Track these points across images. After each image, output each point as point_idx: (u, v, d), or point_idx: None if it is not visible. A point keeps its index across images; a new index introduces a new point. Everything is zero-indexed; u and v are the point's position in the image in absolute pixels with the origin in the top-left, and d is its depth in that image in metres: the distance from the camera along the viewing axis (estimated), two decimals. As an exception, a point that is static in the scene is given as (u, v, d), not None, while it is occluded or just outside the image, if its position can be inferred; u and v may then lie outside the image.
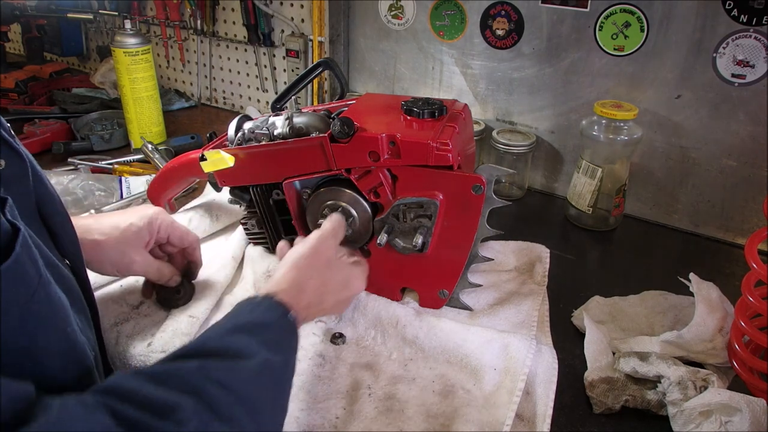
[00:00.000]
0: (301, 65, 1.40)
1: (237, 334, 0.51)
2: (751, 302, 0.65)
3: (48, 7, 1.63)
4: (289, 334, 0.56)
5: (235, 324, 0.53)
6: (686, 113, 1.02)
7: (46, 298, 0.45)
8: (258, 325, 0.53)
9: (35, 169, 0.52)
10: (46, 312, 0.45)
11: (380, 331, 0.75)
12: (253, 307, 0.56)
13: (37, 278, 0.44)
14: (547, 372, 0.68)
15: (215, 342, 0.50)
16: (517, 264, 0.91)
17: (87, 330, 0.55)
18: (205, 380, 0.44)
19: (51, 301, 0.46)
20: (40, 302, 0.44)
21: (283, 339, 0.55)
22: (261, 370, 0.49)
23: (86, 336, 0.53)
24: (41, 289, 0.44)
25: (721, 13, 0.93)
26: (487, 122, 1.23)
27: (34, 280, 0.44)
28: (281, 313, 0.56)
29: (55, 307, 0.47)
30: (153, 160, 1.17)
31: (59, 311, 0.47)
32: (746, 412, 0.57)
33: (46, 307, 0.45)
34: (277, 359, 0.51)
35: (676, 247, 1.05)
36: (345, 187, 0.77)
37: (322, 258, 0.67)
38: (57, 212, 0.55)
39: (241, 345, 0.50)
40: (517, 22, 1.12)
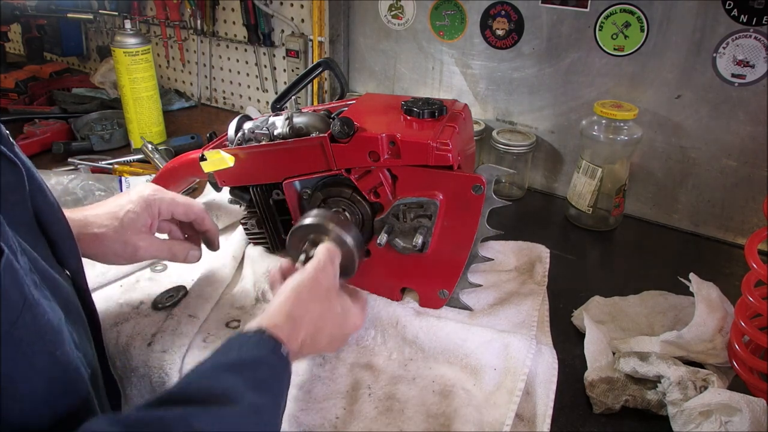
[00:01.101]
0: (301, 65, 1.40)
1: (224, 374, 0.49)
2: (751, 302, 0.65)
3: (48, 7, 1.63)
4: (281, 371, 0.54)
5: (223, 363, 0.51)
6: (686, 113, 1.02)
7: (32, 322, 0.43)
8: (247, 364, 0.51)
9: (33, 177, 0.51)
10: (30, 338, 0.43)
11: (380, 331, 0.75)
12: (243, 343, 0.53)
13: (22, 302, 0.43)
14: (547, 372, 0.68)
15: (200, 384, 0.48)
16: (517, 264, 0.91)
17: (85, 343, 0.54)
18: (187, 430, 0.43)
19: (38, 325, 0.44)
20: (24, 327, 0.42)
21: (274, 377, 0.52)
22: (248, 415, 0.47)
23: (83, 351, 0.52)
24: (26, 312, 0.43)
25: (721, 13, 0.93)
26: (487, 122, 1.23)
27: (18, 305, 0.42)
28: (272, 349, 0.54)
29: (42, 330, 0.45)
30: (153, 160, 1.17)
31: (47, 334, 0.46)
32: (746, 412, 0.57)
33: (31, 333, 0.43)
34: (265, 401, 0.49)
35: (676, 247, 1.05)
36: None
37: (321, 289, 0.63)
38: (56, 221, 0.54)
39: (227, 387, 0.47)
40: (517, 22, 1.12)
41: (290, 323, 0.57)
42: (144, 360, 0.70)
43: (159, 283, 0.84)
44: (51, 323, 0.46)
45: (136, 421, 0.43)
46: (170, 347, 0.71)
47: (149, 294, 0.81)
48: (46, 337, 0.46)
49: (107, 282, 0.83)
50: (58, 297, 0.50)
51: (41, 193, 0.52)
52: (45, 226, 0.53)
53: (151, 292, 0.81)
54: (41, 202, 0.52)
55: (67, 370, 0.48)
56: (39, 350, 0.45)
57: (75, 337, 0.51)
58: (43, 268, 0.50)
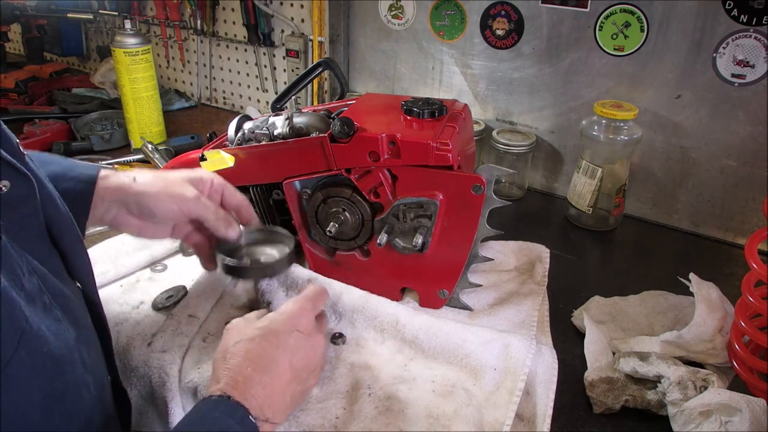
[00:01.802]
0: (301, 65, 1.40)
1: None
2: (751, 302, 0.65)
3: (48, 7, 1.63)
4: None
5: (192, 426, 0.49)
6: (686, 113, 1.02)
7: (28, 357, 0.42)
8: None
9: (44, 188, 0.50)
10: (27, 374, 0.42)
11: (380, 331, 0.75)
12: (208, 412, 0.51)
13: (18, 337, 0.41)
14: (547, 372, 0.68)
15: None
16: (517, 264, 0.91)
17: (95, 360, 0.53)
18: None
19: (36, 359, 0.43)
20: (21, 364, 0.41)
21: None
22: None
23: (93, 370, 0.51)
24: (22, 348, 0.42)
25: (721, 13, 0.93)
26: (487, 122, 1.23)
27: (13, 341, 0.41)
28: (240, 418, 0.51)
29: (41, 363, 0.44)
30: (153, 160, 1.17)
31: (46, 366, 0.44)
32: (746, 412, 0.57)
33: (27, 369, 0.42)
34: None
35: (676, 247, 1.05)
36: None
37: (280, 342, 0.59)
38: (68, 233, 0.53)
39: None
40: (517, 22, 1.12)
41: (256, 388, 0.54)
42: (144, 360, 0.70)
43: (159, 283, 0.84)
44: (52, 354, 0.45)
45: None
46: (170, 347, 0.71)
47: (149, 294, 0.81)
48: (44, 371, 0.44)
49: (107, 282, 0.83)
50: (70, 315, 0.49)
51: (52, 203, 0.52)
52: (56, 238, 0.52)
53: (151, 292, 0.81)
54: (53, 213, 0.51)
55: (66, 397, 0.47)
56: (36, 385, 0.43)
57: (86, 357, 0.50)
58: (54, 286, 0.49)
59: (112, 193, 0.66)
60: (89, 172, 0.65)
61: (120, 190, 0.66)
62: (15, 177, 0.46)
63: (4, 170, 0.45)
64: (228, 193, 0.74)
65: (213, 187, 0.73)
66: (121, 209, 0.67)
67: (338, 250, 0.82)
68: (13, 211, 0.46)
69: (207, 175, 0.73)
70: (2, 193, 0.44)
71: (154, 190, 0.67)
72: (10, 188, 0.45)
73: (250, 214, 0.76)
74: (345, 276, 0.82)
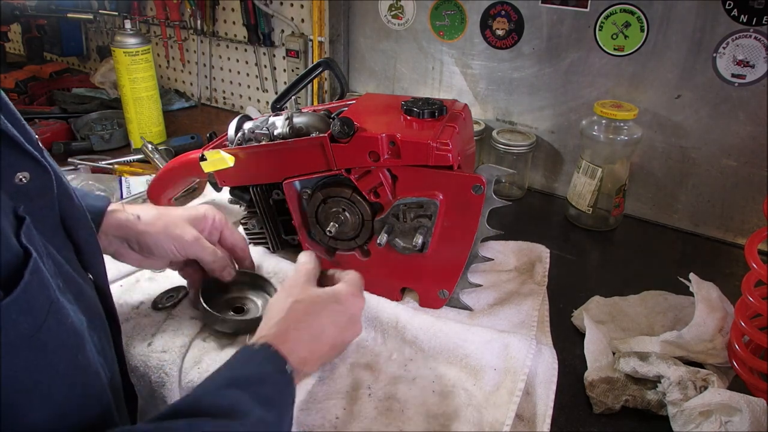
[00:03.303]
0: (301, 65, 1.40)
1: (230, 389, 0.50)
2: (751, 302, 0.65)
3: (48, 7, 1.63)
4: (285, 388, 0.55)
5: (230, 377, 0.52)
6: (686, 113, 1.02)
7: (56, 326, 0.44)
8: (253, 380, 0.52)
9: (61, 181, 0.51)
10: (54, 343, 0.44)
11: (380, 331, 0.75)
12: (249, 358, 0.55)
13: (48, 305, 0.43)
14: (547, 372, 0.68)
15: (207, 398, 0.49)
16: (517, 264, 0.91)
17: (106, 348, 0.54)
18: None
19: (62, 329, 0.45)
20: (49, 331, 0.43)
21: (279, 395, 0.54)
22: (254, 428, 0.48)
23: (104, 355, 0.52)
24: (51, 317, 0.43)
25: (721, 13, 0.93)
26: (487, 122, 1.23)
27: (44, 308, 0.43)
28: (278, 366, 0.55)
29: (66, 333, 0.46)
30: (153, 160, 1.17)
31: (70, 338, 0.46)
32: (746, 412, 0.57)
33: (54, 337, 0.44)
34: (271, 416, 0.50)
35: (676, 247, 1.05)
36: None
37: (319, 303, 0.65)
38: (82, 226, 0.55)
39: (234, 401, 0.49)
40: (517, 22, 1.12)
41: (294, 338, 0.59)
42: (144, 360, 0.70)
43: (159, 283, 0.84)
44: (74, 326, 0.47)
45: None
46: (170, 347, 0.71)
47: (149, 294, 0.81)
48: (69, 340, 0.46)
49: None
50: (81, 302, 0.51)
51: (68, 197, 0.53)
52: (70, 231, 0.53)
53: (151, 292, 0.81)
54: (68, 207, 0.52)
55: (88, 374, 0.48)
56: (62, 355, 0.45)
57: (96, 342, 0.51)
58: (68, 273, 0.50)
59: (116, 229, 0.69)
60: (98, 204, 0.68)
61: (124, 227, 0.69)
62: (35, 169, 0.47)
63: (26, 162, 0.46)
64: (227, 232, 0.78)
65: (213, 224, 0.77)
66: (122, 244, 0.71)
67: (338, 250, 0.82)
68: (30, 202, 0.47)
69: (209, 213, 0.76)
70: (22, 184, 0.46)
71: (154, 230, 0.70)
72: (29, 180, 0.46)
73: (245, 254, 0.81)
74: (345, 276, 0.82)
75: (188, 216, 0.74)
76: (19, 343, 0.40)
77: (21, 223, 0.43)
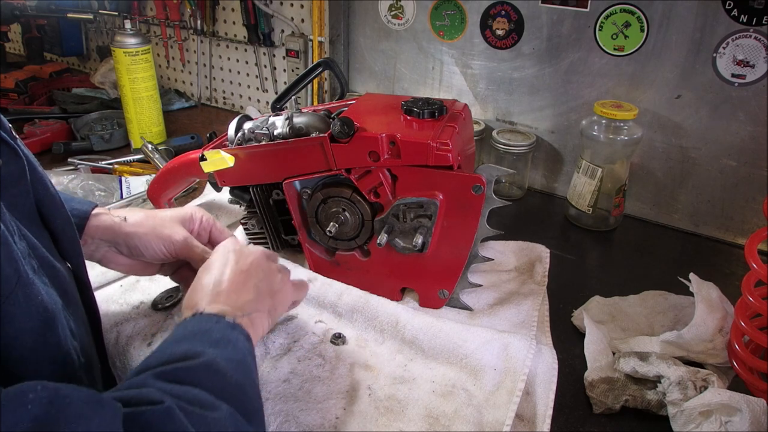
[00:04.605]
0: (301, 65, 1.40)
1: (179, 343, 0.49)
2: (751, 302, 0.65)
3: (48, 7, 1.63)
4: (231, 331, 0.53)
5: (175, 338, 0.51)
6: (686, 113, 1.02)
7: (25, 300, 0.44)
8: (198, 332, 0.51)
9: (35, 170, 0.51)
10: (22, 315, 0.43)
11: (380, 331, 0.75)
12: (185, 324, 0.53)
13: (16, 278, 0.43)
14: (547, 372, 0.68)
15: (158, 356, 0.48)
16: (517, 264, 0.91)
17: (83, 334, 0.54)
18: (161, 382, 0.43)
19: (30, 304, 0.44)
20: (17, 303, 0.43)
21: (227, 337, 0.52)
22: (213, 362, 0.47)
23: (80, 341, 0.52)
24: (19, 290, 0.43)
25: (721, 13, 0.93)
26: (487, 122, 1.23)
27: (12, 280, 0.42)
28: (215, 321, 0.53)
29: (36, 309, 0.45)
30: (153, 160, 1.17)
31: (40, 314, 0.46)
32: (746, 412, 0.57)
33: (23, 310, 0.43)
34: (227, 353, 0.49)
35: (676, 247, 1.05)
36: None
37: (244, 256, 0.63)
38: (58, 214, 0.54)
39: (186, 349, 0.48)
40: (517, 22, 1.12)
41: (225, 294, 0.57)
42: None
43: (159, 283, 0.84)
44: (45, 304, 0.46)
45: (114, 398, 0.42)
46: (170, 347, 0.71)
47: (149, 294, 0.81)
48: (38, 316, 0.45)
49: (107, 282, 0.83)
50: (57, 285, 0.50)
51: (43, 185, 0.52)
52: (47, 219, 0.53)
53: (150, 292, 0.81)
54: (43, 195, 0.52)
55: (58, 353, 0.48)
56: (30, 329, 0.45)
57: (72, 325, 0.51)
58: (43, 255, 0.50)
59: (102, 232, 0.67)
60: (83, 208, 0.66)
61: (109, 230, 0.67)
62: (7, 155, 0.46)
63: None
64: (215, 231, 0.76)
65: (201, 224, 0.75)
66: (110, 248, 0.69)
67: (338, 250, 0.82)
68: (5, 190, 0.46)
69: (196, 213, 0.75)
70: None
71: (142, 231, 0.68)
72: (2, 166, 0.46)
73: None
74: (345, 276, 0.82)
75: (176, 216, 0.73)
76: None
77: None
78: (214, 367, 0.47)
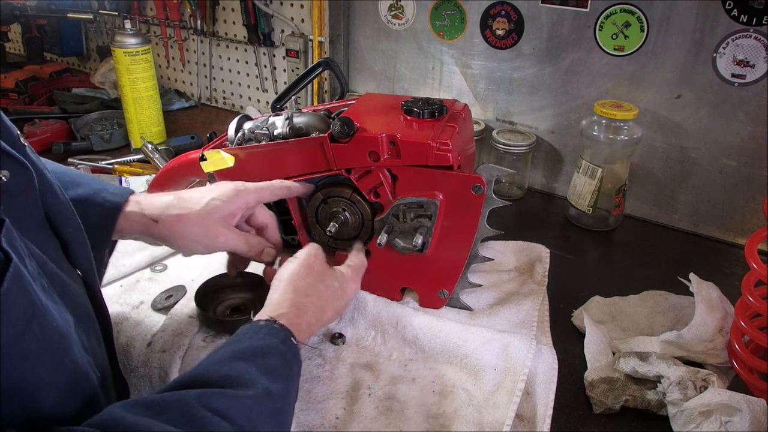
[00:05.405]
0: (301, 65, 1.40)
1: (237, 362, 0.50)
2: (751, 302, 0.65)
3: (48, 7, 1.63)
4: (291, 360, 0.55)
5: (236, 351, 0.52)
6: (686, 113, 1.02)
7: (40, 331, 0.43)
8: (258, 352, 0.52)
9: (44, 178, 0.51)
10: (38, 348, 0.43)
11: (380, 331, 0.75)
12: (254, 333, 0.55)
13: (30, 311, 0.42)
14: (547, 372, 0.68)
15: (214, 370, 0.49)
16: (517, 264, 0.91)
17: (95, 346, 0.54)
18: (204, 410, 0.44)
19: (46, 333, 0.44)
20: (32, 336, 0.42)
21: (284, 366, 0.54)
22: (261, 399, 0.48)
23: (93, 354, 0.52)
24: (35, 322, 0.42)
25: (721, 13, 0.93)
26: (487, 122, 1.23)
27: (26, 315, 0.42)
28: (283, 339, 0.55)
29: (51, 338, 0.45)
30: (153, 160, 1.17)
31: (55, 341, 0.45)
32: (746, 412, 0.57)
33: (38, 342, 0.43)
34: (278, 387, 0.50)
35: (676, 247, 1.05)
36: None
37: (314, 272, 0.67)
38: (68, 222, 0.54)
39: (241, 372, 0.49)
40: (517, 22, 1.12)
41: (296, 311, 0.60)
42: (144, 360, 0.70)
43: (159, 283, 0.84)
44: (59, 330, 0.46)
45: (155, 402, 0.44)
46: (170, 347, 0.71)
47: (149, 294, 0.81)
48: (54, 344, 0.45)
49: (107, 282, 0.83)
50: (68, 300, 0.50)
51: (52, 192, 0.52)
52: (57, 227, 0.53)
53: (151, 292, 0.81)
54: (52, 203, 0.52)
55: (77, 376, 0.48)
56: (46, 359, 0.44)
57: (84, 340, 0.51)
58: (52, 272, 0.49)
59: (136, 229, 0.67)
60: (115, 200, 0.65)
61: (143, 229, 0.67)
62: (14, 167, 0.46)
63: (4, 160, 0.45)
64: (258, 211, 0.75)
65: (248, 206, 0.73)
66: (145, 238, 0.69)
67: (338, 250, 0.82)
68: (12, 200, 0.46)
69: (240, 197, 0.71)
70: (2, 182, 0.45)
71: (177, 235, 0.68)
72: (9, 177, 0.45)
73: (275, 233, 0.77)
74: (345, 276, 0.82)
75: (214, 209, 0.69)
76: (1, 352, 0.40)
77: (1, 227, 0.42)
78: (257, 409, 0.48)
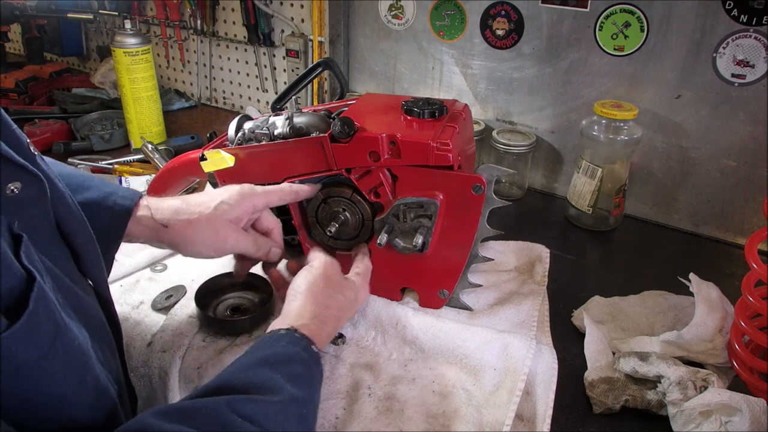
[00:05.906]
0: (301, 65, 1.40)
1: (262, 368, 0.51)
2: (751, 302, 0.65)
3: (48, 7, 1.63)
4: (313, 367, 0.56)
5: (260, 358, 0.53)
6: (686, 113, 1.02)
7: (63, 351, 0.43)
8: (282, 359, 0.53)
9: (55, 188, 0.50)
10: (62, 368, 0.43)
11: (380, 332, 0.75)
12: (275, 341, 0.56)
13: (55, 331, 0.42)
14: (547, 372, 0.68)
15: (240, 377, 0.50)
16: (517, 264, 0.91)
17: (109, 358, 0.54)
18: (234, 415, 0.44)
19: (69, 352, 0.44)
20: (56, 357, 0.42)
21: (307, 372, 0.55)
22: (287, 405, 0.49)
23: (108, 367, 0.52)
24: (59, 342, 0.43)
25: (721, 13, 0.93)
26: (487, 122, 1.23)
27: (51, 335, 0.42)
28: (304, 347, 0.56)
29: (74, 357, 0.45)
30: (153, 160, 1.17)
31: (77, 360, 0.45)
32: (746, 412, 0.57)
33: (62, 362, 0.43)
34: (302, 394, 0.51)
35: (676, 247, 1.05)
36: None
37: (333, 283, 0.68)
38: (79, 232, 0.54)
39: (267, 379, 0.50)
40: (517, 22, 1.12)
41: (317, 322, 0.61)
42: (144, 360, 0.70)
43: (159, 283, 0.84)
44: (81, 348, 0.46)
45: (185, 409, 0.45)
46: (170, 347, 0.71)
47: (149, 294, 0.81)
48: (77, 363, 0.45)
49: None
50: (81, 314, 0.50)
51: (63, 203, 0.52)
52: (68, 237, 0.52)
53: (150, 292, 0.81)
54: (64, 212, 0.51)
55: (97, 392, 0.48)
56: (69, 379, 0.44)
57: (100, 355, 0.51)
58: (66, 285, 0.49)
59: (145, 234, 0.67)
60: (125, 204, 0.65)
61: (152, 234, 0.67)
62: (26, 178, 0.46)
63: (16, 172, 0.45)
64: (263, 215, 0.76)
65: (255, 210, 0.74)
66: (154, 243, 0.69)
67: (338, 250, 0.82)
68: (24, 212, 0.46)
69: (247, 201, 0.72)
70: (13, 194, 0.45)
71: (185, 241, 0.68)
72: (21, 189, 0.45)
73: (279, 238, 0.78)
74: (345, 276, 0.82)
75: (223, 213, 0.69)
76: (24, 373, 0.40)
77: (19, 243, 0.42)
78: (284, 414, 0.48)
